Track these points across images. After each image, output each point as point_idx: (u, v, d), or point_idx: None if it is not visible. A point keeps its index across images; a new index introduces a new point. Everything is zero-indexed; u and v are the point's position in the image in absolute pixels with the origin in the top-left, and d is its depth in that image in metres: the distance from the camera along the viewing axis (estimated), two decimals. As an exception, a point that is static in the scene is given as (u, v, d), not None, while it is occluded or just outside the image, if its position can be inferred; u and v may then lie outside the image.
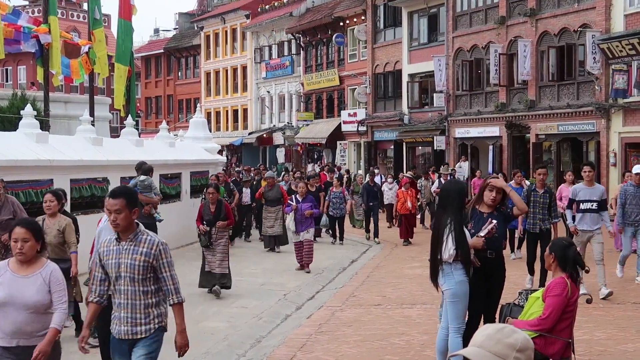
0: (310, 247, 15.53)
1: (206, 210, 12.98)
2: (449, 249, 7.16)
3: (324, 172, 27.38)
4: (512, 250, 16.50)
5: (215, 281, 12.64)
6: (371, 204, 20.70)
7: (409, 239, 20.02)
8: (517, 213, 7.98)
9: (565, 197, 13.51)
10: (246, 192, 20.62)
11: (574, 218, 12.05)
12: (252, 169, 28.40)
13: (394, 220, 23.11)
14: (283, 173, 35.19)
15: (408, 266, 16.14)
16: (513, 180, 16.06)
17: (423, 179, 25.07)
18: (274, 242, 18.80)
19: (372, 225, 21.00)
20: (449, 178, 25.43)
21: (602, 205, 11.91)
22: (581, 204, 11.92)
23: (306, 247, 15.42)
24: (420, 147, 38.16)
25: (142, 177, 14.28)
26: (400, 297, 12.63)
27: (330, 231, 20.95)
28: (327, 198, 20.41)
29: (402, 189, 20.75)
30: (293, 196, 15.78)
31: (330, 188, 20.90)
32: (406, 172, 29.59)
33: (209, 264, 12.73)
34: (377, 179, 24.62)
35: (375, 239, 20.42)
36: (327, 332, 10.08)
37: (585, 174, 12.11)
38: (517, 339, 2.93)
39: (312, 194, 18.34)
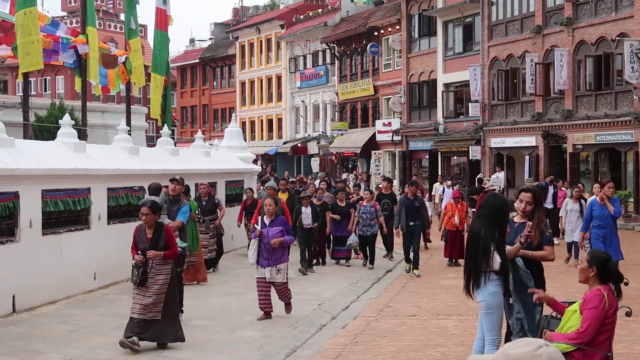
0: (286, 289, 11.57)
1: (141, 235, 9.53)
2: (496, 262, 7.09)
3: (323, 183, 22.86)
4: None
5: (134, 328, 9.30)
6: (412, 223, 16.36)
7: (456, 260, 17.28)
8: (522, 253, 7.43)
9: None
10: (306, 212, 16.79)
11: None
12: (306, 178, 27.58)
13: (432, 238, 21.23)
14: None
15: (443, 277, 16.03)
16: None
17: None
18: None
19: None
20: (451, 187, 25.02)
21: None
22: None
23: (279, 289, 11.50)
24: (455, 157, 37.97)
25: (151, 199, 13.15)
26: (436, 308, 12.55)
27: (360, 252, 17.94)
28: (356, 214, 17.41)
29: (452, 201, 18.55)
30: (259, 218, 11.53)
31: (360, 202, 17.72)
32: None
33: (137, 308, 9.36)
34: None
35: (415, 270, 16.20)
36: (362, 343, 10.04)
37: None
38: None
39: (343, 210, 17.68)
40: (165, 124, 20.65)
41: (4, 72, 57.16)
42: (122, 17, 52.07)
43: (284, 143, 53.11)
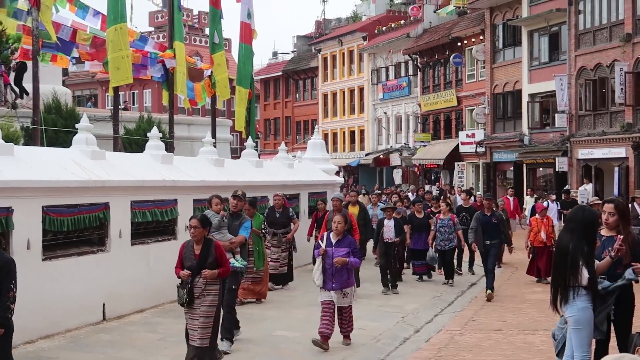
0: (350, 315, 10.68)
1: (188, 252, 8.77)
2: (584, 277, 6.92)
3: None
4: None
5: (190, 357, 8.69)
6: (488, 242, 14.93)
7: (544, 277, 16.47)
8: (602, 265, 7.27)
9: None
10: (388, 224, 15.54)
11: None
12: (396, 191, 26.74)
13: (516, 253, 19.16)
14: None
15: (529, 291, 15.72)
16: None
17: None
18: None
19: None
20: (555, 201, 23.55)
21: None
22: None
23: (344, 315, 10.59)
24: (541, 169, 37.23)
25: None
26: (522, 322, 12.31)
27: (439, 268, 17.20)
28: (432, 227, 16.75)
29: (537, 216, 17.44)
30: (324, 234, 10.74)
31: (437, 215, 17.07)
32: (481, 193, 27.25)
33: (189, 331, 8.74)
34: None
35: (488, 291, 14.73)
36: (446, 357, 9.92)
37: None
38: None
39: (421, 222, 17.04)
40: (250, 136, 20.91)
41: (94, 86, 58.97)
42: (207, 31, 53.19)
43: (366, 155, 53.10)
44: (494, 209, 15.93)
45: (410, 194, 27.59)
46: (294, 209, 19.35)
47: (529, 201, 26.03)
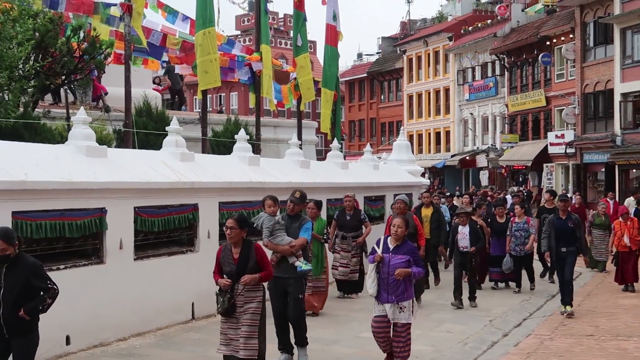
0: (407, 335, 8.83)
1: (226, 256, 8.14)
2: None
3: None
4: None
5: None
6: (564, 249, 13.11)
7: (631, 284, 15.77)
8: None
9: None
10: (463, 231, 14.03)
11: None
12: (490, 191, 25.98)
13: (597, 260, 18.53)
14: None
15: (622, 295, 15.28)
16: None
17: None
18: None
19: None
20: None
21: None
22: None
23: (399, 332, 8.77)
24: (634, 170, 36.11)
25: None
26: (615, 328, 11.95)
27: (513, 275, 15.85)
28: (508, 232, 15.63)
29: (620, 219, 16.27)
30: (381, 238, 9.13)
31: (512, 218, 16.01)
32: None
33: (226, 342, 8.07)
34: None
35: (567, 307, 13.10)
36: (536, 362, 9.72)
37: None
38: None
39: (502, 226, 15.78)
40: (335, 138, 20.95)
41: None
42: (292, 34, 53.62)
43: (452, 156, 52.59)
44: (570, 212, 13.93)
45: (509, 197, 26.98)
46: (379, 210, 19.33)
47: (631, 203, 24.76)
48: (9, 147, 10.13)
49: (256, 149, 17.90)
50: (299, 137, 19.70)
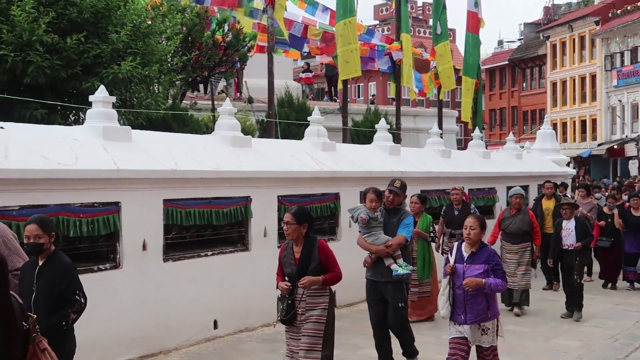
0: (495, 357, 7.29)
1: (287, 256, 7.10)
2: None
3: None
4: None
5: None
6: None
7: None
8: None
9: None
10: (568, 226, 11.98)
11: None
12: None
13: None
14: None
15: None
16: None
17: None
18: (515, 298, 12.13)
19: None
20: None
21: None
22: None
23: (485, 356, 7.28)
24: None
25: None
26: None
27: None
28: None
29: None
30: (454, 244, 7.45)
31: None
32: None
33: (290, 355, 7.12)
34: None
35: None
36: (694, 361, 9.20)
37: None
38: None
39: (636, 221, 14.08)
40: (477, 127, 20.60)
41: (321, 80, 60.74)
42: (431, 22, 53.26)
43: (599, 145, 50.60)
44: None
45: None
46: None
47: None
48: (159, 137, 10.54)
49: (396, 139, 17.86)
50: (440, 127, 19.49)
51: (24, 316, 4.03)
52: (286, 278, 6.99)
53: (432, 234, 11.47)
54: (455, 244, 7.36)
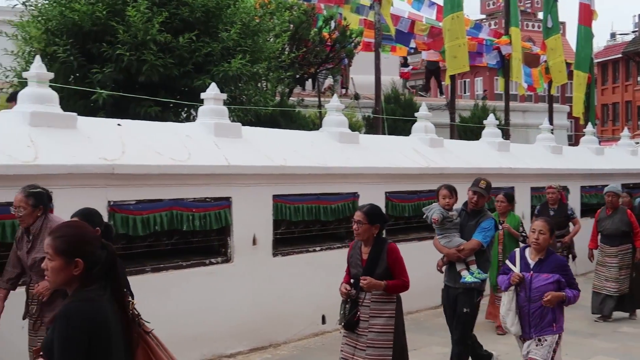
0: None
1: (355, 256, 6.54)
2: None
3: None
4: None
5: None
6: None
7: None
8: None
9: None
10: None
11: None
12: None
13: None
14: None
15: None
16: None
17: None
18: (609, 307, 11.28)
19: None
20: None
21: None
22: None
23: None
24: None
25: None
26: None
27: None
28: None
29: None
30: (516, 250, 6.81)
31: None
32: None
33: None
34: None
35: None
36: None
37: None
38: None
39: None
40: (589, 122, 19.99)
41: (418, 76, 60.13)
42: (540, 15, 51.92)
43: None
44: None
45: None
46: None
47: None
48: (268, 133, 10.68)
49: (505, 135, 17.53)
50: (550, 122, 19.00)
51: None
52: (352, 280, 6.49)
53: (523, 234, 10.29)
54: (517, 250, 6.74)
